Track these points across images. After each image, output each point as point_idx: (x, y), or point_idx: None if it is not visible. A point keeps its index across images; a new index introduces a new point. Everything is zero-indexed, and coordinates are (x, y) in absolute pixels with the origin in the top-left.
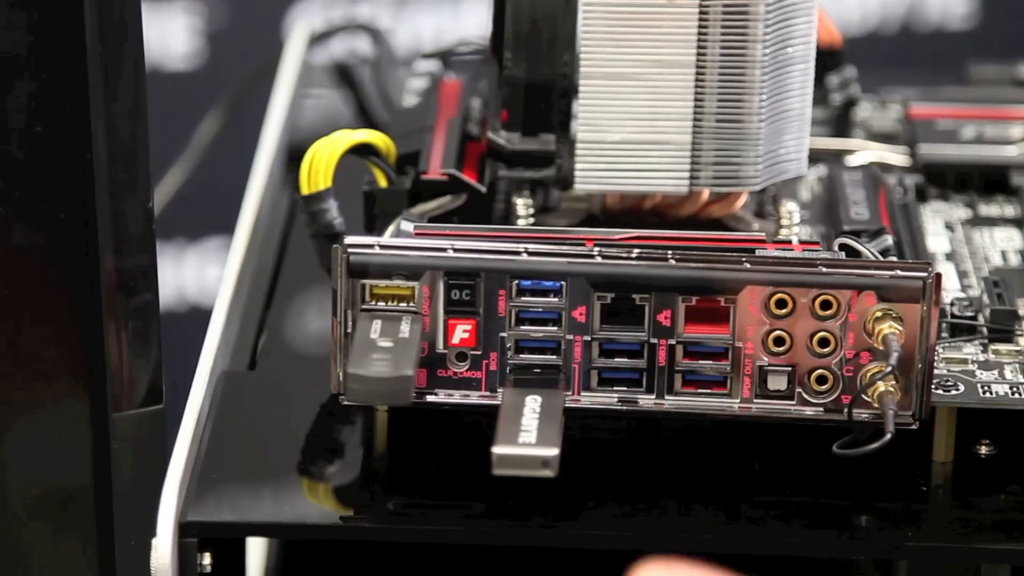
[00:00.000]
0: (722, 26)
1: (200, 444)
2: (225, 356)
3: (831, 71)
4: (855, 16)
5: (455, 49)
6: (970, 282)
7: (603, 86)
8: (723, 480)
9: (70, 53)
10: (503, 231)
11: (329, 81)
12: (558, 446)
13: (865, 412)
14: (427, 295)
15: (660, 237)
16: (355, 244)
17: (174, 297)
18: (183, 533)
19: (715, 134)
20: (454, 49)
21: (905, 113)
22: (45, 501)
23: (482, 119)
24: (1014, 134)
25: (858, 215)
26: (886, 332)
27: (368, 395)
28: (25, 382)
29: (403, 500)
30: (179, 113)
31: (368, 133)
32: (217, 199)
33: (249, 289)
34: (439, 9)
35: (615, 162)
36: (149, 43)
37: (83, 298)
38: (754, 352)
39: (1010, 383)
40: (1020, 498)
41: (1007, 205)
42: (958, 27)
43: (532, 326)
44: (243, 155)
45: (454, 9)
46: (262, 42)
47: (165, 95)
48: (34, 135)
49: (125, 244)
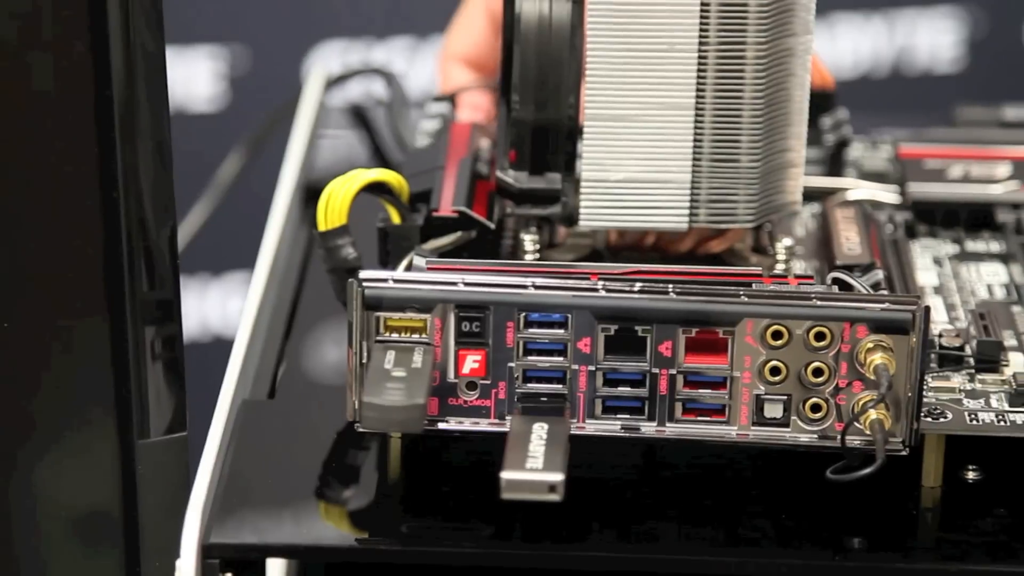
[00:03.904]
0: (719, 71)
1: (222, 469)
2: (246, 385)
3: (824, 113)
4: (847, 60)
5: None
6: (957, 315)
7: (606, 128)
8: (722, 504)
9: (98, 96)
10: (511, 266)
11: (345, 123)
12: (564, 471)
13: (857, 439)
14: (439, 327)
15: (661, 271)
16: (370, 278)
17: (198, 328)
18: (206, 555)
19: (713, 173)
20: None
21: (895, 153)
22: (74, 523)
23: (491, 159)
24: (999, 173)
25: (850, 250)
26: (877, 362)
27: (382, 423)
28: (55, 410)
29: (416, 523)
30: (202, 153)
31: (382, 172)
32: (239, 235)
33: (269, 321)
34: None
35: (618, 200)
36: (174, 86)
37: (111, 330)
38: (751, 381)
39: (996, 411)
40: (1006, 521)
41: (993, 241)
42: (945, 71)
43: (539, 356)
44: (263, 193)
45: None
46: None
47: (189, 136)
48: (64, 174)
49: (151, 278)
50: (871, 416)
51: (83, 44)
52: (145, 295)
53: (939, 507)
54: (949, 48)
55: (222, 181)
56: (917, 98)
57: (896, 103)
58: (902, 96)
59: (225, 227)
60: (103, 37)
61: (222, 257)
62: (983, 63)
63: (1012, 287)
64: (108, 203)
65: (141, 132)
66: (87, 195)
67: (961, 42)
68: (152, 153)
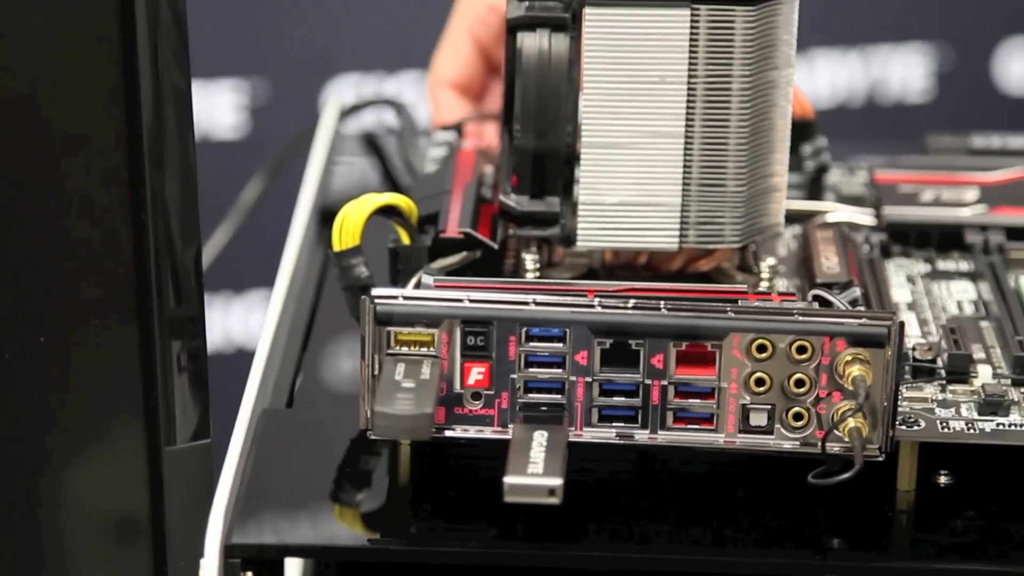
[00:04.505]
0: (708, 101)
1: (243, 474)
2: (266, 395)
3: (805, 141)
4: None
5: (471, 121)
6: (930, 329)
7: (602, 155)
8: (711, 507)
9: (129, 126)
10: (513, 284)
11: (358, 150)
12: (563, 476)
13: (837, 446)
14: (445, 341)
15: (653, 289)
16: (381, 295)
17: (222, 341)
18: (228, 554)
19: (701, 197)
20: (470, 121)
21: (871, 178)
22: (106, 524)
23: (494, 184)
24: (967, 197)
25: (829, 269)
26: (855, 374)
27: (393, 430)
28: (88, 418)
29: (424, 524)
30: (225, 178)
31: (393, 196)
32: (259, 255)
33: (287, 335)
34: None
35: (613, 222)
36: (199, 116)
37: (140, 343)
38: (737, 392)
39: (966, 420)
40: (976, 523)
41: (962, 261)
42: (916, 101)
43: (539, 369)
44: (282, 216)
45: None
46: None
47: (213, 162)
48: (96, 199)
49: (177, 295)
50: (850, 424)
51: (116, 79)
52: (172, 311)
53: (913, 510)
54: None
55: (244, 204)
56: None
57: (871, 131)
58: (876, 125)
59: (246, 247)
60: (134, 73)
61: (244, 275)
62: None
63: (980, 303)
64: (138, 225)
65: (169, 160)
66: (119, 218)
67: (930, 75)
68: (179, 179)
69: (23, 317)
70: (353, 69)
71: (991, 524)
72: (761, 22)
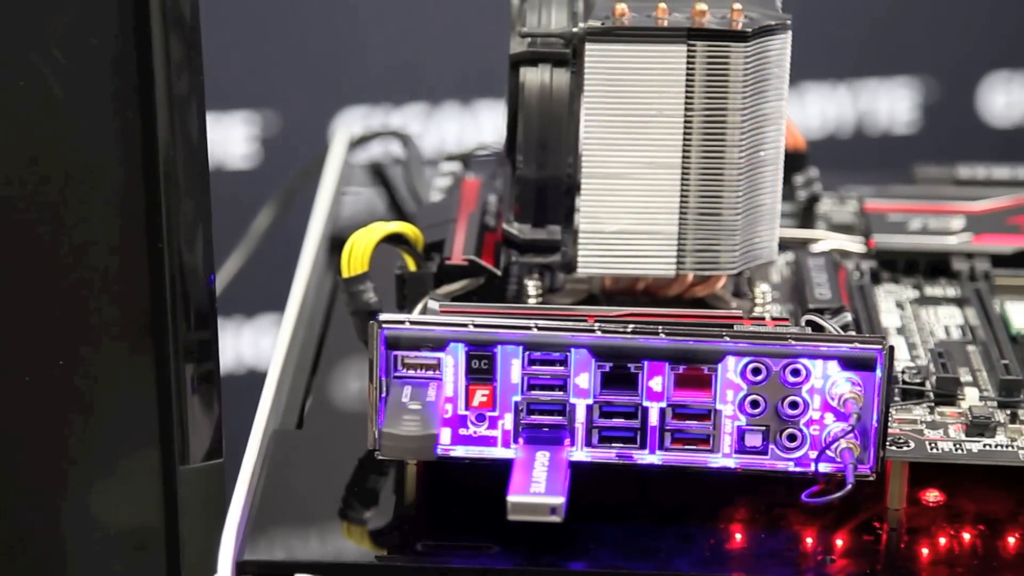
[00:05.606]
0: (704, 133)
1: (255, 493)
2: (277, 416)
3: (797, 172)
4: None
5: (475, 152)
6: (918, 353)
7: (601, 184)
8: (708, 524)
9: (145, 157)
10: (516, 309)
11: (366, 180)
12: (564, 495)
13: (829, 466)
14: (451, 364)
15: (652, 314)
16: (389, 320)
17: (234, 364)
18: (240, 570)
19: (698, 225)
20: (474, 152)
21: (861, 208)
22: (121, 542)
23: (498, 212)
24: (954, 226)
25: (821, 295)
26: (847, 396)
27: (400, 451)
28: (105, 439)
29: (430, 541)
30: (238, 207)
31: (400, 225)
32: (271, 280)
33: (298, 358)
34: (461, 118)
35: (612, 249)
36: (213, 147)
37: (155, 366)
38: (733, 414)
39: (954, 440)
40: (964, 540)
41: (949, 287)
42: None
43: (541, 391)
44: (292, 243)
45: (474, 118)
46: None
47: (226, 191)
48: (114, 227)
49: (192, 320)
50: (842, 445)
51: (133, 112)
52: (186, 335)
53: (903, 527)
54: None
55: (256, 232)
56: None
57: (860, 162)
58: (865, 155)
59: (258, 273)
60: (151, 105)
61: (256, 300)
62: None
63: (967, 328)
64: (154, 252)
65: (183, 189)
66: (136, 246)
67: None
68: (193, 208)
69: (43, 341)
70: (361, 102)
71: (978, 540)
72: (755, 57)
